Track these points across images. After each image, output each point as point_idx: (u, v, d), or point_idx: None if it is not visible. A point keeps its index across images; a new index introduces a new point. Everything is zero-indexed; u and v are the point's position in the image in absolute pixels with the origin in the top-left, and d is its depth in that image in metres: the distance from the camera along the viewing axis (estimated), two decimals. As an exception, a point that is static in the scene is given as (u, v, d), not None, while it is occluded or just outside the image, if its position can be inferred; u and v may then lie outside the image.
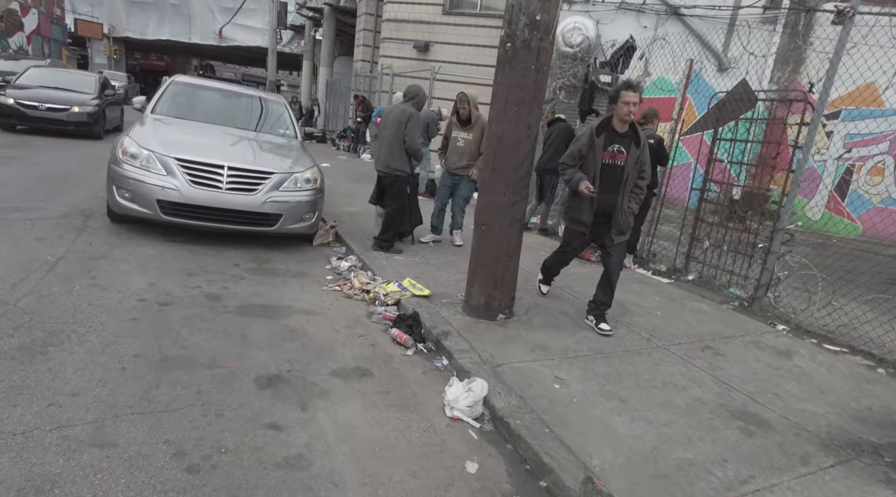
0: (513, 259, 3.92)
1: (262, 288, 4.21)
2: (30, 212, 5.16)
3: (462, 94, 5.81)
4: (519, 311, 4.18)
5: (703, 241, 5.63)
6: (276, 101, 6.93)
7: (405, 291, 4.37)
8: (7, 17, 26.18)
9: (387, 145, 5.37)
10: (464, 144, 5.92)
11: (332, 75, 22.45)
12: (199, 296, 3.80)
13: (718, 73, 10.59)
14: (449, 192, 6.21)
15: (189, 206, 4.71)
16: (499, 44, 3.63)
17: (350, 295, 4.44)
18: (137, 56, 42.62)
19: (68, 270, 3.83)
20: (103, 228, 4.99)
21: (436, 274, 5.05)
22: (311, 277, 4.73)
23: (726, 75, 10.49)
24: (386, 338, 3.70)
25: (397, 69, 14.26)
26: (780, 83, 10.23)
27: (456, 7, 14.79)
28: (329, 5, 20.72)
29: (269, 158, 5.32)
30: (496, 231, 3.81)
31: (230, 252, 4.96)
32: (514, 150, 3.65)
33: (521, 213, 3.87)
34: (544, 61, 3.55)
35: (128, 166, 4.70)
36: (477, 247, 3.93)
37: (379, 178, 5.62)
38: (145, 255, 4.46)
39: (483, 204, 3.83)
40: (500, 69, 3.61)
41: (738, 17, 10.38)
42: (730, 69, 10.54)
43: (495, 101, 3.65)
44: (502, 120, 3.62)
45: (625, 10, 11.25)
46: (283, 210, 5.08)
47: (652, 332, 4.13)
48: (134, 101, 6.06)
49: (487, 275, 3.90)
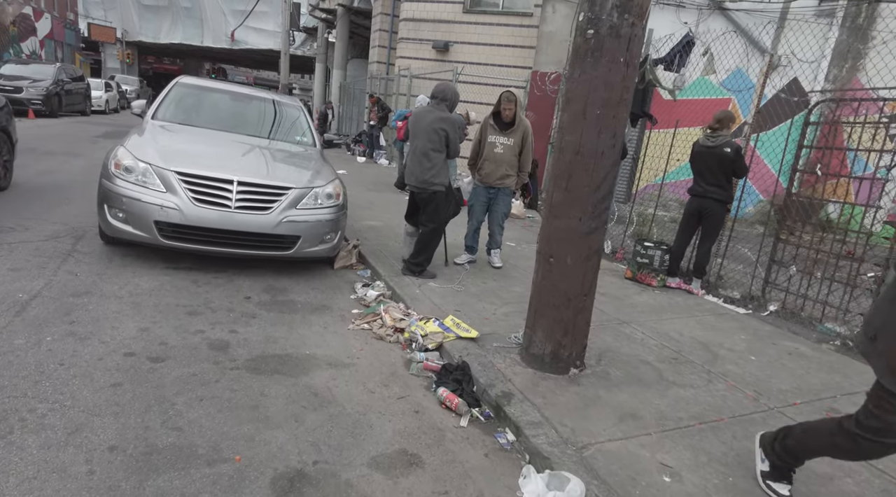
0: (588, 299, 3.16)
1: (278, 329, 3.49)
2: (11, 233, 4.49)
3: (509, 92, 5.06)
4: (590, 360, 3.42)
5: (787, 266, 4.82)
6: (292, 105, 6.23)
7: (448, 332, 3.63)
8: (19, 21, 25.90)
9: (420, 157, 4.63)
10: (503, 151, 5.17)
11: (345, 78, 21.83)
12: (202, 345, 3.08)
13: (767, 72, 9.74)
14: (484, 209, 5.46)
15: (192, 229, 4.01)
16: (574, 31, 2.88)
17: (381, 335, 3.70)
18: (150, 60, 42.49)
19: (42, 313, 3.13)
20: (94, 253, 4.31)
21: (478, 306, 4.30)
22: (335, 312, 4.01)
23: (775, 74, 9.65)
24: (431, 399, 2.95)
25: (416, 70, 13.57)
26: (838, 82, 9.39)
27: (477, 5, 14.07)
28: (342, 6, 20.08)
29: (286, 171, 4.60)
30: (568, 265, 3.05)
31: (240, 280, 4.26)
32: (594, 165, 2.90)
33: (600, 244, 3.11)
34: (636, 52, 2.80)
35: (121, 182, 4.00)
36: (541, 283, 3.17)
37: (412, 194, 4.88)
38: (140, 288, 3.76)
39: (551, 231, 3.08)
40: (577, 63, 2.85)
41: (790, 11, 9.55)
42: (779, 67, 9.71)
43: (571, 102, 2.90)
44: (581, 126, 2.87)
45: (663, 6, 10.45)
46: (302, 231, 4.37)
47: (756, 387, 3.34)
48: (133, 105, 5.39)
49: (556, 318, 3.14)
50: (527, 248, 6.55)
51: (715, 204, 4.93)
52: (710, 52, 7.09)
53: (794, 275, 4.80)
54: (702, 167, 4.95)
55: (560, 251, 3.06)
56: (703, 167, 4.94)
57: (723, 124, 4.84)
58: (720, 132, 4.84)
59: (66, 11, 31.07)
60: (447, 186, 4.80)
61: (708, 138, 4.89)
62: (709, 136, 4.89)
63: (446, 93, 4.78)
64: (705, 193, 4.95)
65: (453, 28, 14.05)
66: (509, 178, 5.25)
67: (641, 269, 5.34)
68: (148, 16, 35.67)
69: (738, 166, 4.78)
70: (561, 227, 3.03)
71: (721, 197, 4.91)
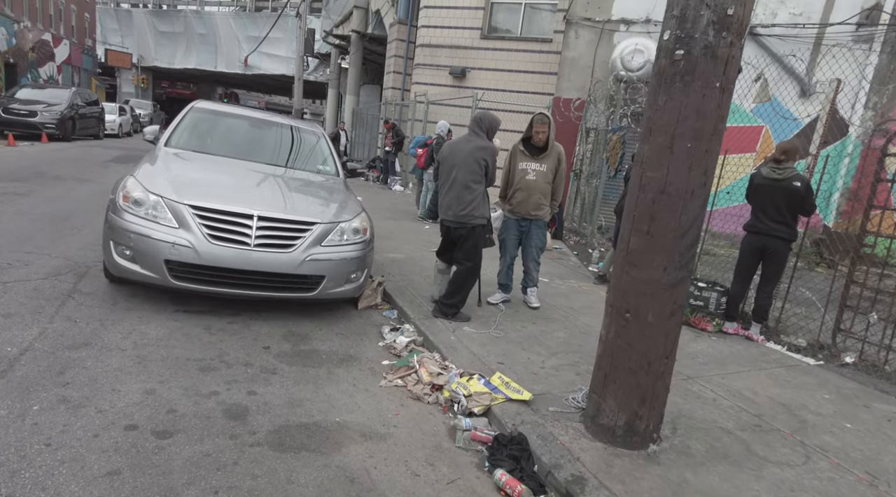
0: (669, 362, 2.69)
1: (302, 389, 3.03)
2: (8, 271, 4.09)
3: (542, 114, 4.66)
4: (665, 429, 2.92)
5: (863, 312, 4.33)
6: (312, 131, 5.88)
7: (496, 393, 3.15)
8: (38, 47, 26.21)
9: (459, 189, 4.22)
10: (535, 178, 4.74)
11: (358, 104, 21.75)
12: (217, 412, 2.62)
13: (800, 99, 9.38)
14: (517, 242, 5.02)
15: (207, 269, 3.59)
16: (658, 52, 2.48)
17: (418, 394, 3.23)
18: (165, 85, 43.04)
19: (31, 373, 2.69)
20: (96, 294, 3.89)
21: (521, 356, 3.83)
22: (363, 363, 3.55)
23: (809, 101, 9.29)
24: (487, 483, 2.47)
25: (432, 97, 13.33)
26: (878, 109, 9.00)
27: (495, 31, 13.92)
28: (357, 32, 20.11)
29: (309, 204, 4.21)
30: (649, 322, 2.59)
31: (257, 326, 3.82)
32: (683, 206, 2.46)
33: (684, 297, 2.65)
34: (732, 76, 2.39)
35: (130, 216, 3.61)
36: (615, 342, 2.71)
37: (447, 230, 4.46)
38: (146, 337, 3.32)
39: (628, 282, 2.62)
40: (661, 88, 2.45)
41: (825, 36, 9.23)
42: (814, 94, 9.34)
43: (654, 133, 2.49)
44: (667, 161, 2.45)
45: (690, 31, 10.17)
46: (327, 270, 3.94)
47: (867, 467, 2.82)
48: (145, 131, 5.04)
49: (632, 384, 2.67)
50: (561, 283, 6.09)
51: (780, 243, 4.47)
52: (763, 78, 6.72)
53: (875, 322, 4.30)
54: (765, 202, 4.50)
55: (639, 306, 2.60)
56: (766, 202, 4.49)
57: (789, 156, 4.41)
58: (786, 164, 4.41)
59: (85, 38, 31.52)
60: (487, 220, 4.39)
61: (773, 171, 4.45)
62: (774, 168, 4.46)
63: (485, 120, 4.42)
64: (769, 231, 4.50)
65: (471, 54, 13.87)
66: (543, 209, 4.82)
67: (695, 312, 4.85)
68: (164, 42, 36.24)
69: (808, 203, 4.33)
70: (641, 277, 2.58)
71: (786, 235, 4.45)
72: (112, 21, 36.45)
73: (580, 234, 9.65)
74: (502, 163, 4.92)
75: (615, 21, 10.73)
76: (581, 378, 3.56)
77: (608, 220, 9.79)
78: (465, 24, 13.91)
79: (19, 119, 14.49)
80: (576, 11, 10.98)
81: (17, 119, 14.47)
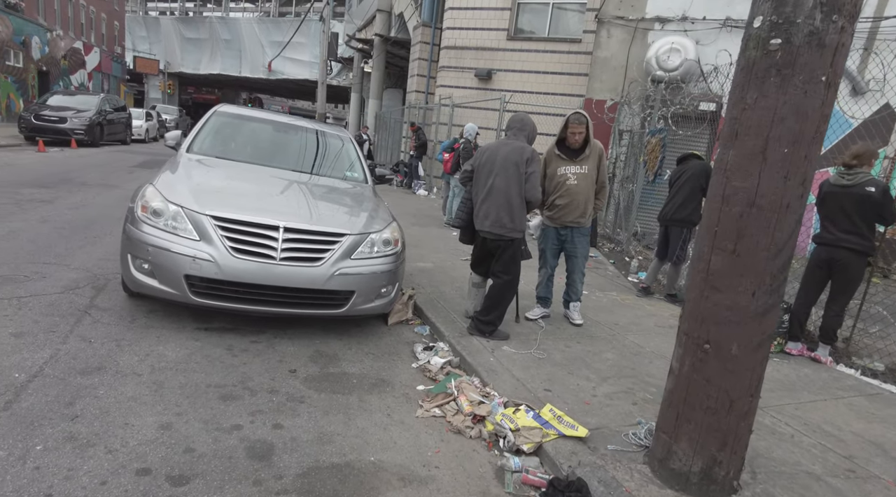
0: (755, 400, 2.32)
1: (332, 420, 2.74)
2: (24, 284, 3.90)
3: (579, 113, 4.29)
4: (744, 475, 2.55)
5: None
6: (339, 136, 5.63)
7: (548, 429, 2.81)
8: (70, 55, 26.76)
9: (498, 196, 3.90)
10: (576, 182, 4.37)
11: (380, 108, 21.60)
12: (239, 451, 2.34)
13: (852, 98, 8.83)
14: (557, 252, 4.67)
15: (230, 284, 3.34)
16: (746, 43, 2.13)
17: (459, 427, 2.91)
18: (190, 90, 43.73)
19: (38, 403, 2.44)
20: (114, 310, 3.67)
21: (569, 381, 3.48)
22: (396, 389, 3.25)
23: (863, 99, 8.72)
24: (546, 540, 2.13)
25: (457, 99, 13.04)
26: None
27: (521, 32, 13.57)
28: (379, 36, 19.96)
29: (338, 213, 3.93)
30: (732, 355, 2.23)
31: (282, 345, 3.54)
32: (777, 222, 2.10)
33: (773, 327, 2.28)
34: (839, 69, 2.02)
35: (148, 227, 3.37)
36: (690, 377, 2.35)
37: (483, 241, 4.13)
38: (164, 359, 3.07)
39: (709, 308, 2.27)
40: (752, 85, 2.09)
41: (880, 31, 8.67)
42: (867, 93, 8.78)
43: (741, 137, 2.13)
44: (758, 169, 2.09)
45: (730, 28, 9.69)
46: (356, 285, 3.66)
47: None
48: (167, 136, 4.83)
49: (710, 426, 2.30)
50: (602, 296, 5.71)
51: (851, 255, 4.04)
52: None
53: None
54: (834, 211, 4.08)
55: (721, 336, 2.24)
56: (836, 211, 4.07)
57: (862, 160, 3.98)
58: (858, 169, 3.99)
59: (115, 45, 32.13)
60: (524, 232, 4.06)
61: (843, 176, 4.03)
62: (843, 173, 4.04)
63: (525, 122, 4.11)
64: (838, 242, 4.07)
65: (497, 55, 13.56)
66: (587, 215, 4.46)
67: (755, 330, 4.43)
68: (189, 48, 36.78)
69: (886, 210, 3.89)
70: (724, 303, 2.22)
71: (860, 247, 4.01)
72: (141, 28, 37.16)
73: (614, 240, 9.23)
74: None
75: (649, 19, 10.30)
76: (639, 408, 3.21)
77: (644, 226, 9.36)
78: (491, 26, 13.60)
79: (50, 125, 14.68)
80: (608, 10, 10.58)
81: (48, 125, 14.65)
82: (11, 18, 20.94)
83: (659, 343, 4.45)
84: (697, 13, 9.81)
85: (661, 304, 5.70)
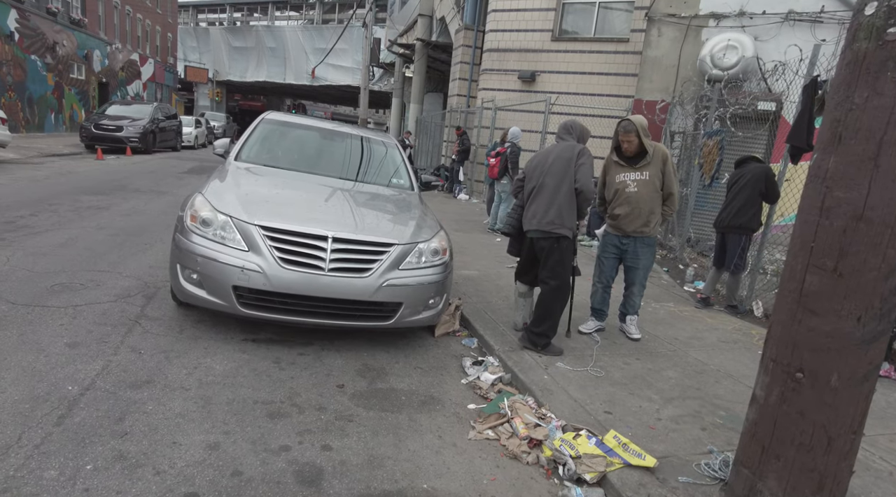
0: (857, 438, 2.05)
1: (382, 441, 2.61)
2: (79, 292, 3.96)
3: (627, 121, 4.04)
4: (839, 520, 2.27)
5: None
6: (386, 142, 5.54)
7: (612, 457, 2.60)
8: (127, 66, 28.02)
9: (548, 195, 3.72)
10: (637, 189, 4.11)
11: (421, 112, 21.62)
12: (287, 475, 2.24)
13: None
14: (616, 262, 4.41)
15: (278, 296, 3.27)
16: (854, 34, 1.88)
17: (515, 453, 2.73)
18: (237, 97, 45.12)
19: (89, 419, 2.41)
20: (164, 319, 3.67)
21: (631, 403, 3.25)
22: (447, 407, 3.10)
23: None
24: None
25: (500, 102, 12.85)
26: None
27: (566, 33, 13.27)
28: (421, 40, 19.98)
29: (385, 223, 3.83)
30: (832, 387, 1.97)
31: (330, 358, 3.45)
32: (889, 238, 1.84)
33: (881, 356, 2.01)
34: (969, 60, 1.75)
35: (197, 237, 3.34)
36: (779, 409, 2.10)
37: (530, 242, 3.94)
38: (212, 372, 3.02)
39: (803, 333, 2.01)
40: (861, 81, 1.84)
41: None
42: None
43: (846, 141, 1.88)
44: (867, 178, 1.83)
45: (793, 22, 9.15)
46: (404, 296, 3.54)
47: None
48: (216, 144, 4.86)
49: (804, 465, 2.05)
50: (658, 307, 5.41)
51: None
52: None
53: None
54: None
55: (818, 365, 1.99)
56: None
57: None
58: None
59: (168, 56, 33.47)
60: (574, 233, 3.84)
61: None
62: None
63: (572, 126, 3.96)
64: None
65: (541, 57, 13.29)
66: (651, 224, 4.19)
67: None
68: (236, 56, 37.95)
69: None
70: (823, 329, 1.96)
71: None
72: (191, 39, 38.62)
73: (666, 246, 8.83)
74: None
75: (703, 16, 9.84)
76: (708, 434, 2.95)
77: (698, 231, 8.92)
78: (535, 27, 13.35)
79: (107, 134, 15.35)
80: (658, 8, 10.18)
81: (106, 134, 15.33)
82: (75, 34, 22.07)
83: (723, 360, 4.15)
84: (756, 7, 9.30)
85: (721, 317, 5.35)
